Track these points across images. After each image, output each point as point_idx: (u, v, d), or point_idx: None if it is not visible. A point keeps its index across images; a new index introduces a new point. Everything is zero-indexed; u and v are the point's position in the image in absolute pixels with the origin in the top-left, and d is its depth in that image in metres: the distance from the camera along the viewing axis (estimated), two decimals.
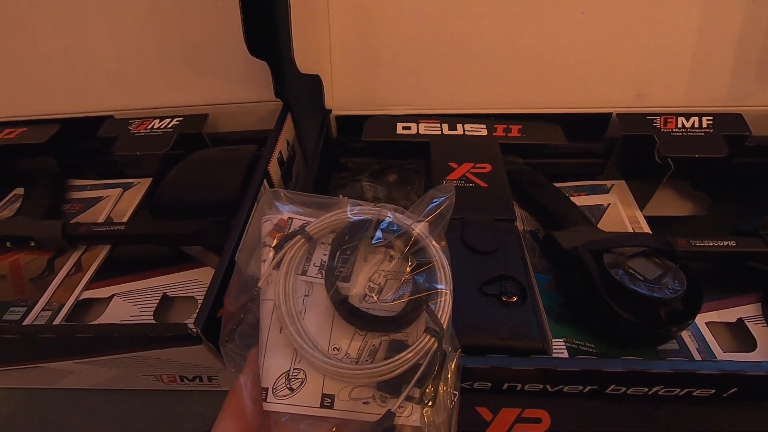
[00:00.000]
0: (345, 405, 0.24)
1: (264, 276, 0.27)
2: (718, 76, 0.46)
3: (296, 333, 0.25)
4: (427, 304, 0.26)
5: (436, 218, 0.29)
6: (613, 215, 0.45)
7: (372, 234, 0.28)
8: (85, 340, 0.32)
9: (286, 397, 0.24)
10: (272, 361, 0.25)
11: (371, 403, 0.24)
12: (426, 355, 0.24)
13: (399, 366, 0.24)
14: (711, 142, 0.43)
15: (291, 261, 0.27)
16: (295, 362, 0.25)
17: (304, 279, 0.27)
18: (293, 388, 0.24)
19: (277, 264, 0.27)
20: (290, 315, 0.25)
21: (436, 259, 0.27)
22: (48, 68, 0.53)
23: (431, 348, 0.24)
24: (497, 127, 0.47)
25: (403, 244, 0.28)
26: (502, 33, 0.47)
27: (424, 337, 0.25)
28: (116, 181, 0.54)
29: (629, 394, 0.29)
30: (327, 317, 0.26)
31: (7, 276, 0.43)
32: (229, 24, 0.48)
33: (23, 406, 0.42)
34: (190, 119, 0.51)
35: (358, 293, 0.27)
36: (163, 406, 0.41)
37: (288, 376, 0.24)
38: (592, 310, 0.34)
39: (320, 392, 0.24)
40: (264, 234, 0.28)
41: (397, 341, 0.26)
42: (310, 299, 0.27)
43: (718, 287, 0.38)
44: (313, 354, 0.24)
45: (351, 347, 0.26)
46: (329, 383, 0.24)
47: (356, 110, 0.50)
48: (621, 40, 0.46)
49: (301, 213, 0.29)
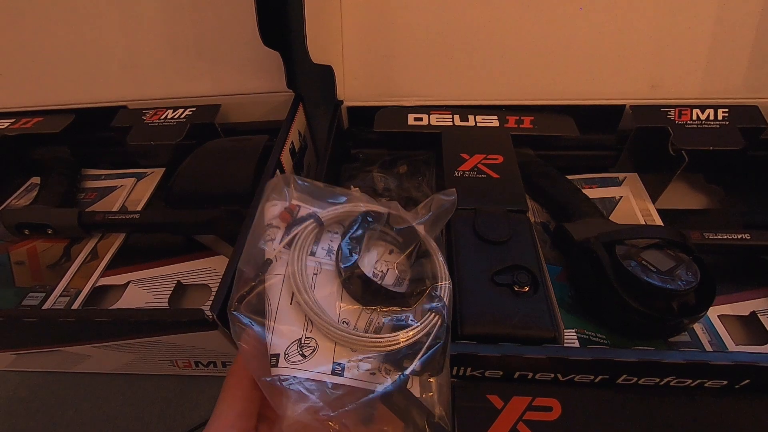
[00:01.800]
0: (354, 374, 0.25)
1: (276, 252, 0.28)
2: (735, 68, 0.45)
3: (309, 302, 0.26)
4: (430, 286, 0.28)
5: (436, 219, 0.32)
6: (625, 208, 0.44)
7: (379, 227, 0.30)
8: (104, 325, 0.33)
9: (299, 362, 0.25)
10: (283, 329, 0.26)
11: (377, 374, 0.25)
12: (431, 332, 0.26)
13: (406, 339, 0.26)
14: (726, 134, 0.42)
15: (303, 241, 0.28)
16: (306, 331, 0.26)
17: (313, 259, 0.29)
18: (305, 354, 0.25)
19: (288, 243, 0.28)
20: (303, 286, 0.27)
21: (434, 253, 0.30)
22: (63, 59, 0.53)
23: (437, 323, 0.26)
24: (509, 119, 0.47)
25: (404, 240, 0.31)
26: (515, 24, 0.46)
27: (430, 314, 0.27)
28: (130, 171, 0.55)
29: (641, 385, 0.29)
30: (334, 295, 0.28)
31: (25, 262, 0.44)
32: (242, 15, 0.48)
33: (41, 389, 0.43)
34: (203, 109, 0.52)
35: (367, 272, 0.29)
36: (178, 391, 0.42)
37: (300, 343, 0.25)
38: (603, 301, 0.34)
39: (332, 360, 0.25)
40: (273, 216, 0.30)
41: (401, 320, 0.27)
42: (318, 277, 0.28)
43: (731, 280, 0.37)
44: (326, 322, 0.26)
45: (359, 323, 0.27)
46: (339, 352, 0.26)
47: (368, 101, 0.50)
48: (635, 31, 0.45)
49: (308, 201, 0.31)
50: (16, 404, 0.43)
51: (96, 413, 0.42)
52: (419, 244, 0.30)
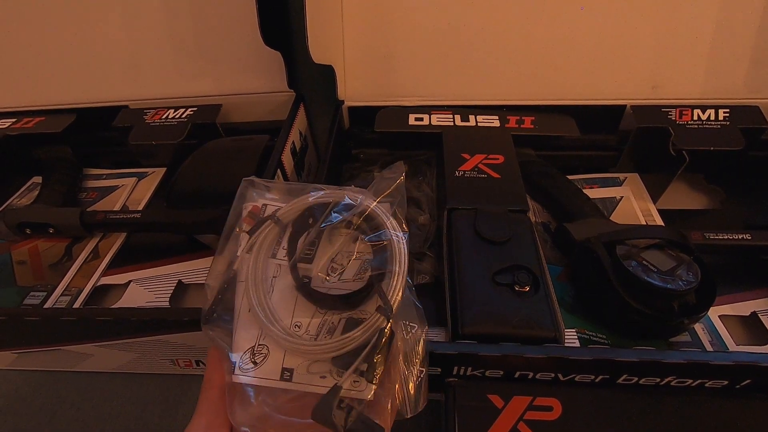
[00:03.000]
0: (303, 378, 0.26)
1: (239, 259, 0.29)
2: (736, 68, 0.45)
3: (261, 310, 0.27)
4: (378, 283, 0.27)
5: (391, 197, 0.30)
6: (625, 208, 0.44)
7: (326, 216, 0.29)
8: (105, 324, 0.33)
9: (250, 370, 0.26)
10: (241, 338, 0.27)
11: (328, 377, 0.26)
12: (375, 333, 0.25)
13: (350, 342, 0.25)
14: (727, 134, 0.42)
15: (261, 244, 0.29)
16: (260, 338, 0.27)
17: (273, 261, 0.29)
18: (257, 362, 0.26)
19: (250, 248, 0.29)
20: (257, 294, 0.27)
21: (389, 239, 0.28)
22: (65, 59, 0.53)
23: (380, 326, 0.26)
24: (510, 119, 0.47)
25: (362, 224, 0.30)
26: (516, 24, 0.46)
27: (374, 316, 0.26)
28: (131, 171, 0.55)
29: (641, 385, 0.29)
30: (291, 296, 0.28)
31: (27, 261, 0.45)
32: (243, 15, 0.48)
33: (43, 388, 0.43)
34: (204, 109, 0.52)
35: (320, 273, 0.29)
36: (178, 390, 0.42)
37: (253, 351, 0.26)
38: (604, 301, 0.34)
39: (281, 366, 0.26)
40: (240, 220, 0.30)
41: (354, 320, 0.27)
42: (277, 280, 0.29)
43: (732, 280, 0.37)
44: (274, 331, 0.26)
45: (311, 324, 0.27)
46: (290, 358, 0.26)
47: (368, 101, 0.50)
48: (636, 31, 0.46)
49: (275, 200, 0.31)
50: (17, 403, 0.43)
51: (97, 412, 0.42)
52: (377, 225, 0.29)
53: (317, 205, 0.30)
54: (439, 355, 0.28)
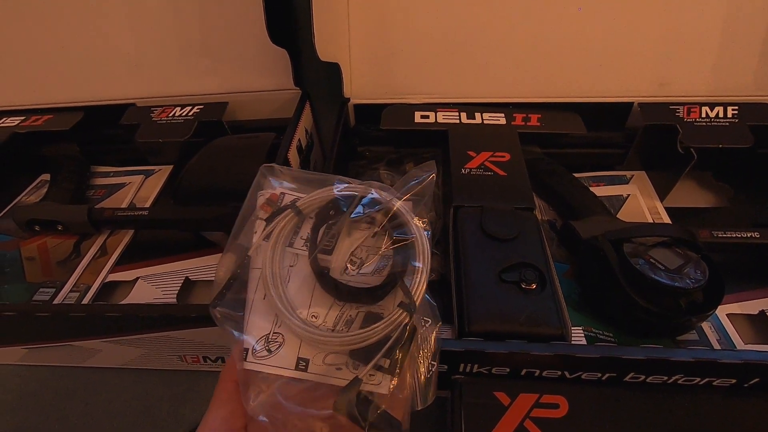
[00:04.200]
0: (318, 369, 0.25)
1: (255, 246, 0.28)
2: (745, 65, 0.45)
3: (278, 299, 0.26)
4: (401, 279, 0.27)
5: (418, 195, 0.30)
6: (632, 206, 0.44)
7: (353, 210, 0.29)
8: (114, 319, 0.33)
9: (264, 358, 0.25)
10: (254, 325, 0.26)
11: (343, 369, 0.26)
12: (397, 328, 0.25)
13: (370, 336, 0.25)
14: (736, 132, 0.42)
15: (280, 233, 0.28)
16: (275, 326, 0.26)
17: (291, 250, 0.29)
18: (271, 350, 0.26)
19: (267, 235, 0.28)
20: (274, 282, 0.27)
21: (414, 236, 0.28)
22: (72, 58, 0.54)
23: (402, 321, 0.25)
24: (516, 116, 0.47)
25: (383, 218, 0.29)
26: (522, 21, 0.46)
27: (397, 311, 0.26)
28: (138, 168, 0.55)
29: (648, 383, 0.29)
30: (308, 286, 0.28)
31: (36, 258, 0.45)
32: (250, 13, 0.48)
33: (52, 383, 0.44)
34: (211, 107, 0.52)
35: (339, 265, 0.29)
36: (186, 386, 0.42)
37: (267, 338, 0.26)
38: (611, 299, 0.34)
39: (296, 356, 0.26)
40: (257, 207, 0.30)
41: (372, 314, 0.27)
42: (294, 269, 0.28)
43: (741, 279, 0.37)
44: (291, 319, 0.26)
45: (328, 316, 0.27)
46: (305, 348, 0.26)
47: (374, 99, 0.50)
48: (643, 28, 0.45)
49: (294, 189, 0.31)
50: (27, 398, 0.43)
51: (105, 407, 0.42)
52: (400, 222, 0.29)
53: (340, 198, 0.30)
54: (445, 352, 0.28)
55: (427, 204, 0.30)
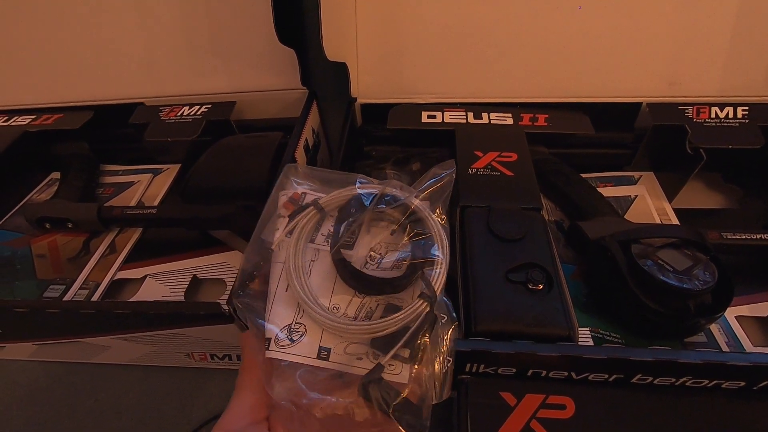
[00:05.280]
0: (340, 359, 0.26)
1: (277, 240, 0.29)
2: (755, 65, 0.44)
3: (300, 288, 0.27)
4: (422, 269, 0.28)
5: (437, 193, 0.31)
6: (640, 207, 0.44)
7: (373, 207, 0.30)
8: (123, 317, 0.34)
9: (287, 346, 0.26)
10: (277, 315, 0.27)
11: (364, 359, 0.26)
12: (417, 318, 0.26)
13: (391, 325, 0.25)
14: (746, 132, 0.42)
15: (302, 229, 0.29)
16: (297, 316, 0.27)
17: (312, 246, 0.30)
18: (293, 339, 0.26)
19: (290, 231, 0.29)
20: (297, 272, 0.27)
21: (434, 231, 0.29)
22: (82, 57, 0.54)
23: (423, 311, 0.26)
24: (523, 116, 0.47)
25: (402, 216, 0.30)
26: (529, 20, 0.46)
27: (418, 302, 0.26)
28: (146, 167, 0.56)
29: (656, 385, 0.29)
30: (329, 280, 0.28)
31: (46, 255, 0.45)
32: (258, 12, 0.48)
33: (63, 379, 0.44)
34: (219, 106, 0.52)
35: (360, 260, 0.29)
36: (193, 383, 0.42)
37: (290, 328, 0.27)
38: (618, 300, 0.34)
39: (318, 345, 0.26)
40: (279, 206, 0.31)
41: (392, 305, 0.27)
42: (315, 264, 0.29)
43: (750, 281, 0.37)
44: (313, 308, 0.26)
45: (349, 308, 0.27)
46: (327, 338, 0.26)
47: (381, 98, 0.50)
48: (653, 27, 0.45)
49: (315, 189, 0.32)
50: (37, 393, 0.44)
51: (114, 403, 0.43)
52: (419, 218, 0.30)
53: (362, 196, 0.30)
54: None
55: (445, 202, 0.31)
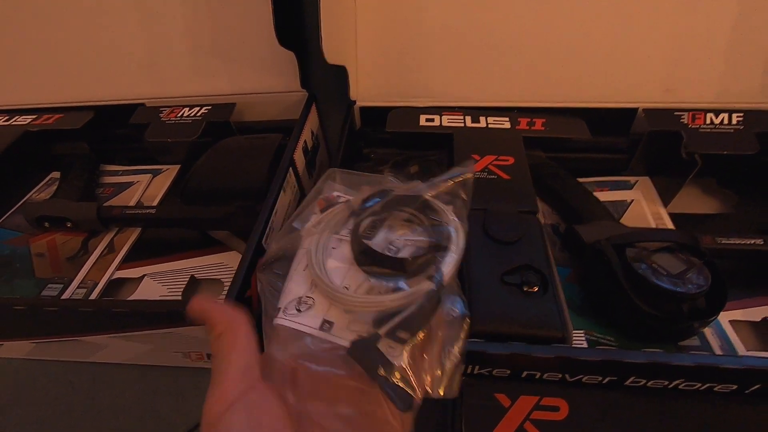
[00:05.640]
0: (342, 333, 0.26)
1: (307, 227, 0.31)
2: (751, 72, 0.45)
3: (316, 264, 0.28)
4: (434, 254, 0.28)
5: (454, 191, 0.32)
6: (636, 211, 0.44)
7: (393, 203, 0.31)
8: (121, 315, 0.34)
9: (294, 316, 0.27)
10: (290, 290, 0.28)
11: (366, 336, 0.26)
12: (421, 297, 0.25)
13: (395, 301, 0.26)
14: (741, 139, 0.42)
15: (330, 220, 0.31)
16: (309, 291, 0.28)
17: (336, 236, 0.31)
18: (301, 310, 0.27)
19: (318, 222, 0.31)
20: (316, 252, 0.29)
21: (450, 222, 0.30)
22: (83, 57, 0.55)
23: (428, 289, 0.26)
24: (521, 121, 0.47)
25: (422, 211, 0.31)
26: (527, 25, 0.47)
27: (424, 281, 0.26)
28: (146, 167, 0.56)
29: (649, 387, 0.29)
30: (346, 266, 0.29)
31: (45, 254, 0.46)
32: (258, 15, 0.49)
33: (60, 378, 0.44)
34: (219, 108, 0.53)
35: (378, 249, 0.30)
36: (190, 383, 0.42)
37: (299, 300, 0.28)
38: (613, 303, 0.34)
39: (322, 318, 0.27)
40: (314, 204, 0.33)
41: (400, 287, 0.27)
42: (336, 251, 0.30)
43: (744, 285, 0.37)
44: (323, 278, 0.27)
45: (359, 290, 0.28)
46: (333, 313, 0.27)
47: (380, 102, 0.50)
48: (650, 33, 0.45)
49: (350, 192, 0.34)
50: (34, 392, 0.44)
51: (111, 402, 0.43)
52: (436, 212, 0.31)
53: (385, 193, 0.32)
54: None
55: (464, 201, 0.32)
